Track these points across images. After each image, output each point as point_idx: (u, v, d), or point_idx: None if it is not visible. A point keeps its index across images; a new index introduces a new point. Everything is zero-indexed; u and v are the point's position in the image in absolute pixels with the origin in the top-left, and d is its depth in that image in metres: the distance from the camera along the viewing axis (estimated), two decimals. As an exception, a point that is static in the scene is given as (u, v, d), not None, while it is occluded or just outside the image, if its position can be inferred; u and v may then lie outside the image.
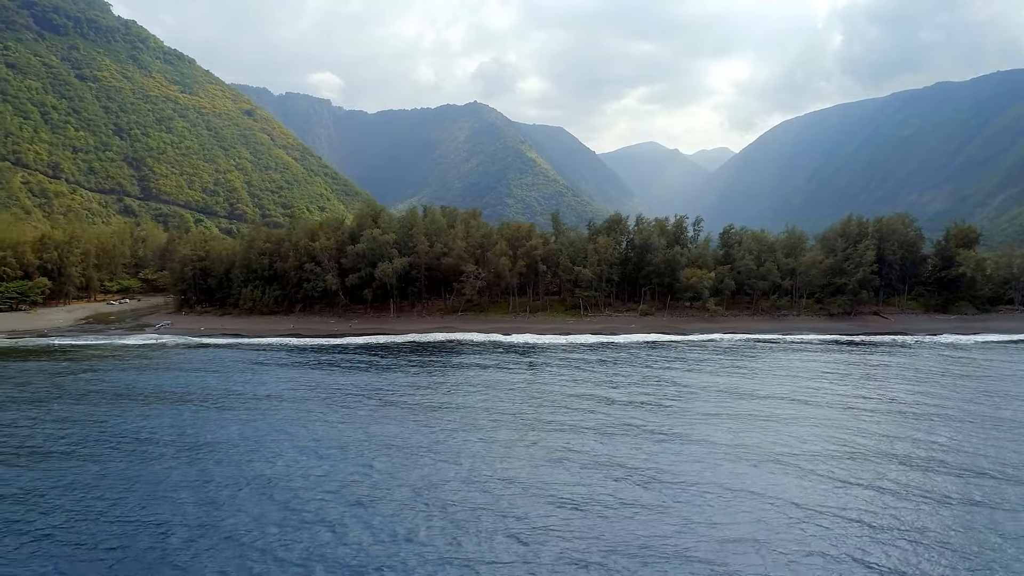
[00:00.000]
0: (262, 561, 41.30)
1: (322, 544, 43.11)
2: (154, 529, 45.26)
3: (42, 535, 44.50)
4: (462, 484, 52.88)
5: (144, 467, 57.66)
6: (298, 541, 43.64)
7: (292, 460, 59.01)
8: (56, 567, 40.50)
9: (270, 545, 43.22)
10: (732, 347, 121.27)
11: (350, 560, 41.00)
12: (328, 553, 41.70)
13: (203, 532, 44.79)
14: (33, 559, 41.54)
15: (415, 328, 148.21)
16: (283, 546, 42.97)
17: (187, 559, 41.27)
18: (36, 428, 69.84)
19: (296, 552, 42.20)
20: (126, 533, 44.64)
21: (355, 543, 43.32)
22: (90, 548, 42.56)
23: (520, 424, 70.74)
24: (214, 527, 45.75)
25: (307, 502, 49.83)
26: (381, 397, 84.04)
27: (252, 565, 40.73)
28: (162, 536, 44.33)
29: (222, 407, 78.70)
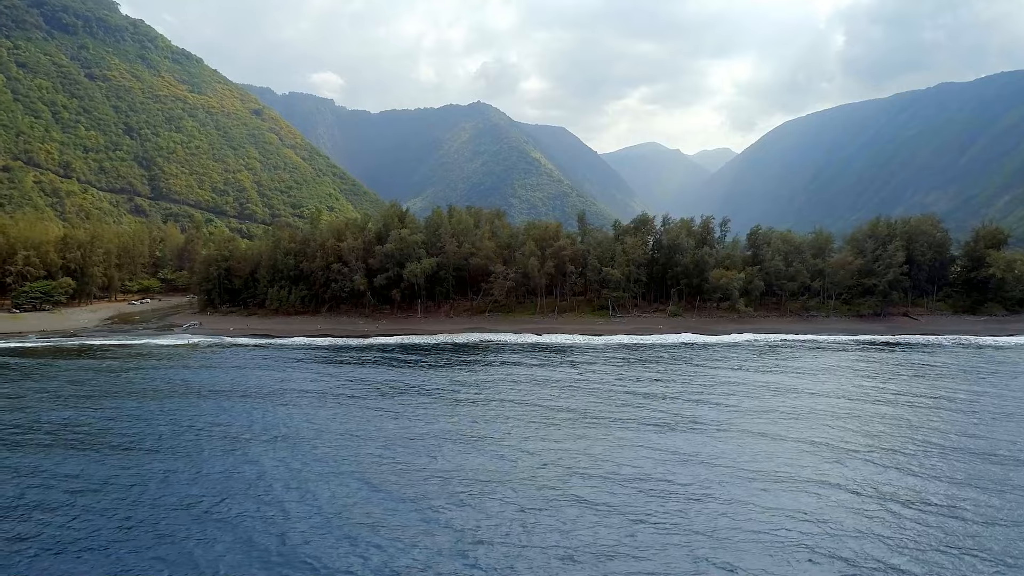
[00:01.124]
0: (384, 542, 41.69)
1: (433, 524, 43.60)
2: (261, 518, 45.21)
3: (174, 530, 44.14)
4: (567, 475, 53.33)
5: (235, 459, 58.29)
6: (408, 524, 44.14)
7: (377, 453, 59.41)
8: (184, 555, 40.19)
9: (383, 527, 43.69)
10: (771, 347, 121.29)
11: (474, 537, 41.41)
12: (436, 530, 41.61)
13: (318, 521, 44.82)
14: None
15: (445, 329, 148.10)
16: (394, 530, 43.47)
17: (308, 546, 41.04)
18: (114, 423, 70.08)
19: (409, 533, 42.74)
20: (237, 523, 44.43)
21: (477, 525, 44.01)
22: (205, 541, 42.33)
23: (586, 419, 71.09)
24: (327, 516, 46.08)
25: (407, 489, 50.61)
26: (436, 394, 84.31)
27: (373, 546, 41.17)
28: (273, 525, 44.38)
29: (286, 403, 79.22)
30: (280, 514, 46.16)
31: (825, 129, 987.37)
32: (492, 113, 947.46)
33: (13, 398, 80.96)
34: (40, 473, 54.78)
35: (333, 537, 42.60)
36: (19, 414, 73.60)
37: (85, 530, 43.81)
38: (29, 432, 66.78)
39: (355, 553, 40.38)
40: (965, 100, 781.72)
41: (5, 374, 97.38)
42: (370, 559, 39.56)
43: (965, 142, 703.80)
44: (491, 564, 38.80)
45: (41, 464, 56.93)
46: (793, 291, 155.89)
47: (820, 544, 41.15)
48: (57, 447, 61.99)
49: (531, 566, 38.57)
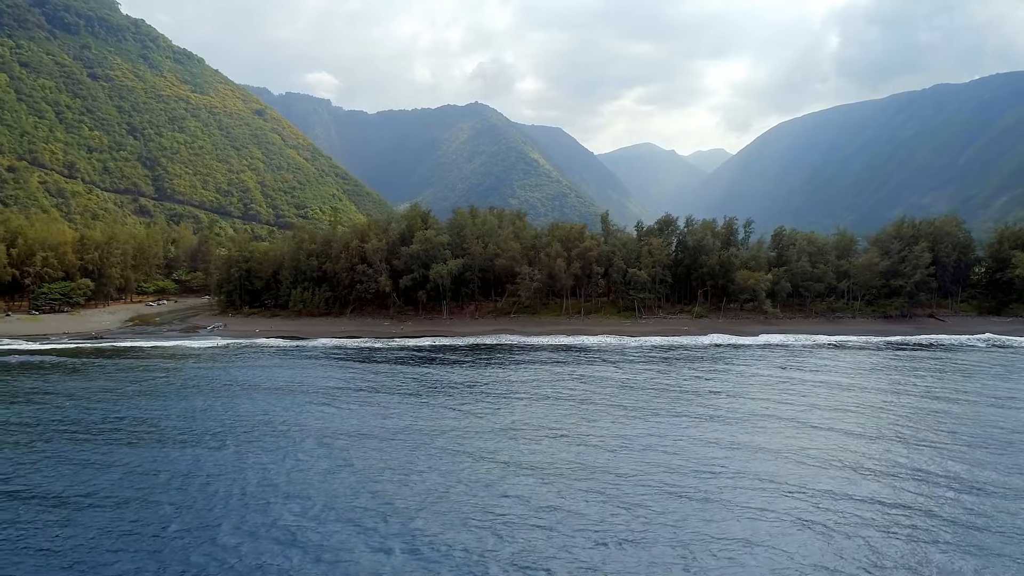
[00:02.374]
0: (485, 526, 42.38)
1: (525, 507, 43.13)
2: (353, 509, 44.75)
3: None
4: (666, 470, 53.11)
5: (335, 453, 59.24)
6: (510, 510, 44.38)
7: (451, 444, 60.22)
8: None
9: (482, 510, 44.22)
10: (807, 348, 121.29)
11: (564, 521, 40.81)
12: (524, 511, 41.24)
13: (426, 512, 44.66)
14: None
15: (473, 330, 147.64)
16: (496, 517, 43.58)
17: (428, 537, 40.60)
18: (191, 418, 71.26)
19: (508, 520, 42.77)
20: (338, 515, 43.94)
21: (577, 512, 44.26)
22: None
23: (647, 413, 72.40)
24: (426, 505, 46.40)
25: (492, 475, 51.65)
26: (489, 391, 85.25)
27: (471, 530, 41.26)
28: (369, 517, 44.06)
29: (352, 400, 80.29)
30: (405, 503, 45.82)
31: (822, 130, 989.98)
32: (490, 113, 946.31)
33: (81, 397, 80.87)
34: (144, 464, 55.33)
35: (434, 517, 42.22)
36: (94, 410, 74.12)
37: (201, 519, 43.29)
38: (111, 427, 67.33)
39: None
40: (962, 101, 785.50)
41: (54, 373, 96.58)
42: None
43: (962, 143, 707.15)
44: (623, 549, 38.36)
45: (133, 456, 57.47)
46: (819, 292, 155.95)
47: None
48: (145, 440, 62.97)
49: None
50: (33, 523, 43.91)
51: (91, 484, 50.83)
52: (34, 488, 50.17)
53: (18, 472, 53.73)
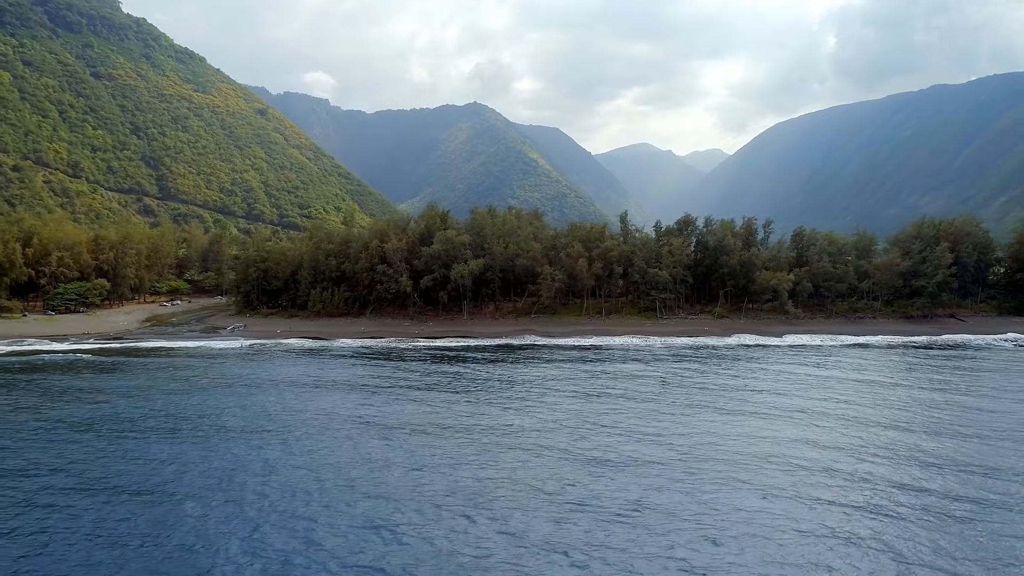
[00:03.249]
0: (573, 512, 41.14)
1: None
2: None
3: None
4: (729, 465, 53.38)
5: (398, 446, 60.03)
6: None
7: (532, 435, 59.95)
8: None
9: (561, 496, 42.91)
10: (837, 348, 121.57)
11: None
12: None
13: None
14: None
15: (495, 331, 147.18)
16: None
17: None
18: (248, 414, 72.05)
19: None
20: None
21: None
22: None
23: (695, 410, 73.35)
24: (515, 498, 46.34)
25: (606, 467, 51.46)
26: (530, 388, 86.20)
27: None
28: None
29: (388, 397, 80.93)
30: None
31: (819, 130, 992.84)
32: (488, 113, 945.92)
33: (131, 395, 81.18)
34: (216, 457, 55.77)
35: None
36: (149, 407, 74.67)
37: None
38: (174, 423, 68.01)
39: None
40: (959, 102, 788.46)
41: (91, 372, 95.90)
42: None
43: (960, 144, 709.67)
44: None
45: (208, 451, 58.35)
46: (840, 292, 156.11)
47: None
48: (215, 435, 63.87)
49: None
50: (133, 518, 43.75)
51: (180, 478, 51.23)
52: (129, 483, 50.38)
53: (108, 467, 53.87)
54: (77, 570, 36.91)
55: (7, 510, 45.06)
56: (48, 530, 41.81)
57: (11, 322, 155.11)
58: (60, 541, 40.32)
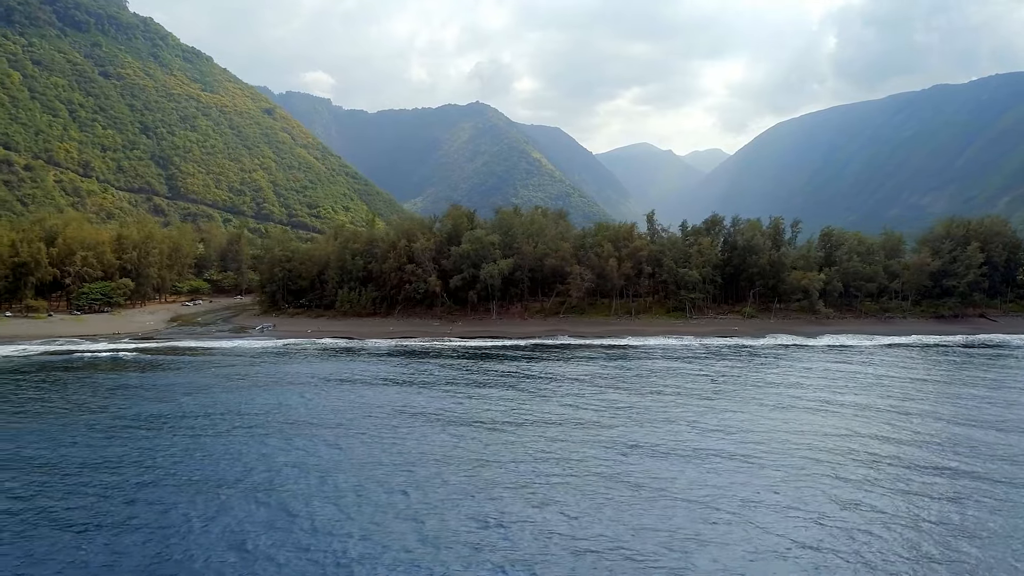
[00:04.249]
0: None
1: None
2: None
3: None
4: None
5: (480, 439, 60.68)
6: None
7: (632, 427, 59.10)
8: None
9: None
10: (876, 348, 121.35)
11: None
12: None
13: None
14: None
15: (526, 331, 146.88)
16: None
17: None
18: (313, 408, 73.63)
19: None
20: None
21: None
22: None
23: (752, 405, 74.25)
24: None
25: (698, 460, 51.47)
26: (583, 385, 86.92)
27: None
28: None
29: (443, 392, 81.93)
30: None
31: (820, 130, 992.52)
32: (491, 113, 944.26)
33: (191, 392, 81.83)
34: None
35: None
36: (212, 403, 75.51)
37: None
38: (245, 419, 68.72)
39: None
40: (961, 102, 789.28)
41: (138, 371, 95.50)
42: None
43: (961, 144, 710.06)
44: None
45: (291, 444, 58.81)
46: (870, 292, 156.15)
47: None
48: (276, 429, 64.87)
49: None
50: (249, 515, 43.85)
51: (277, 475, 51.39)
52: (229, 478, 50.62)
53: (200, 464, 54.25)
54: (212, 566, 36.64)
55: (116, 503, 45.08)
56: (168, 527, 41.61)
57: (38, 322, 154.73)
58: (190, 539, 40.12)
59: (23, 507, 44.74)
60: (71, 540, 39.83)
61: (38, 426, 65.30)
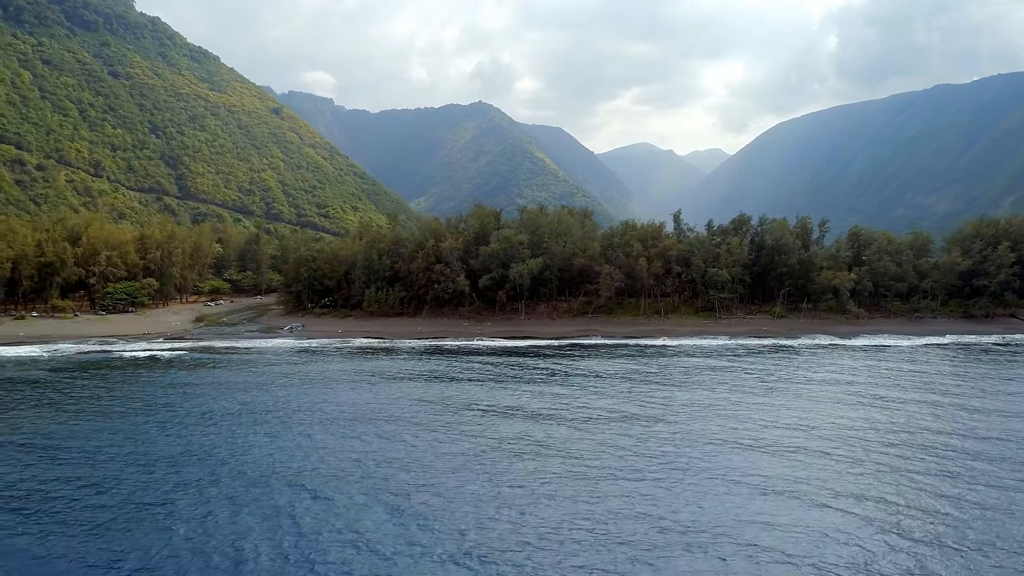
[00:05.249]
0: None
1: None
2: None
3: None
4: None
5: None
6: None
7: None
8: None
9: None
10: (916, 348, 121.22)
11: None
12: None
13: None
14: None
15: (557, 331, 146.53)
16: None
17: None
18: (379, 403, 75.06)
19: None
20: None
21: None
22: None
23: (820, 401, 76.03)
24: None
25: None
26: (639, 382, 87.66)
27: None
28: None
29: (502, 388, 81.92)
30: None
31: (822, 130, 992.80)
32: (494, 113, 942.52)
33: (247, 388, 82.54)
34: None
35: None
36: (266, 399, 76.86)
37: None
38: (320, 413, 70.25)
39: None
40: (963, 102, 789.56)
41: (188, 370, 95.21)
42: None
43: (964, 144, 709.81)
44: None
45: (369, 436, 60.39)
46: (900, 292, 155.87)
47: None
48: (345, 423, 66.73)
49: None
50: (365, 508, 44.42)
51: (364, 464, 52.94)
52: (328, 471, 51.59)
53: (296, 455, 55.90)
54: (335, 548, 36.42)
55: (234, 492, 45.95)
56: (303, 521, 41.85)
57: (65, 322, 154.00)
58: (320, 532, 40.23)
59: (149, 500, 45.41)
60: (197, 526, 39.76)
61: (108, 423, 65.43)
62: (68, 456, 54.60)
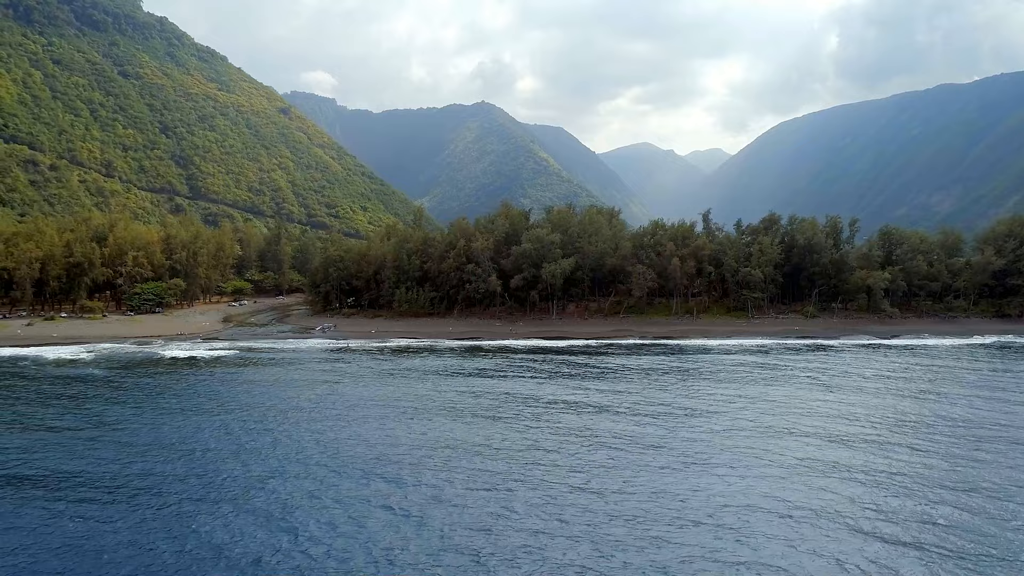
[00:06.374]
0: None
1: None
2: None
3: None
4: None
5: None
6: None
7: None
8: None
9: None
10: (969, 348, 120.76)
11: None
12: None
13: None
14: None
15: (591, 331, 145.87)
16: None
17: None
18: (472, 396, 76.39)
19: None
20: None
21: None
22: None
23: (894, 396, 76.68)
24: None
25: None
26: (715, 378, 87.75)
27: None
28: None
29: (570, 384, 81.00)
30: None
31: (823, 130, 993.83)
32: (497, 113, 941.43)
33: (328, 380, 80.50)
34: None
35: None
36: (331, 392, 78.79)
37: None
38: (402, 408, 71.22)
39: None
40: (966, 101, 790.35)
41: (248, 369, 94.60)
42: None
43: (967, 143, 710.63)
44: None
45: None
46: (933, 292, 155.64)
47: None
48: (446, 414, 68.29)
49: None
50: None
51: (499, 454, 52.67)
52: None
53: (388, 442, 57.48)
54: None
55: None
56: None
57: (95, 323, 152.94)
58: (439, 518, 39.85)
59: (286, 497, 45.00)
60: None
61: (186, 421, 65.55)
62: (169, 452, 54.61)
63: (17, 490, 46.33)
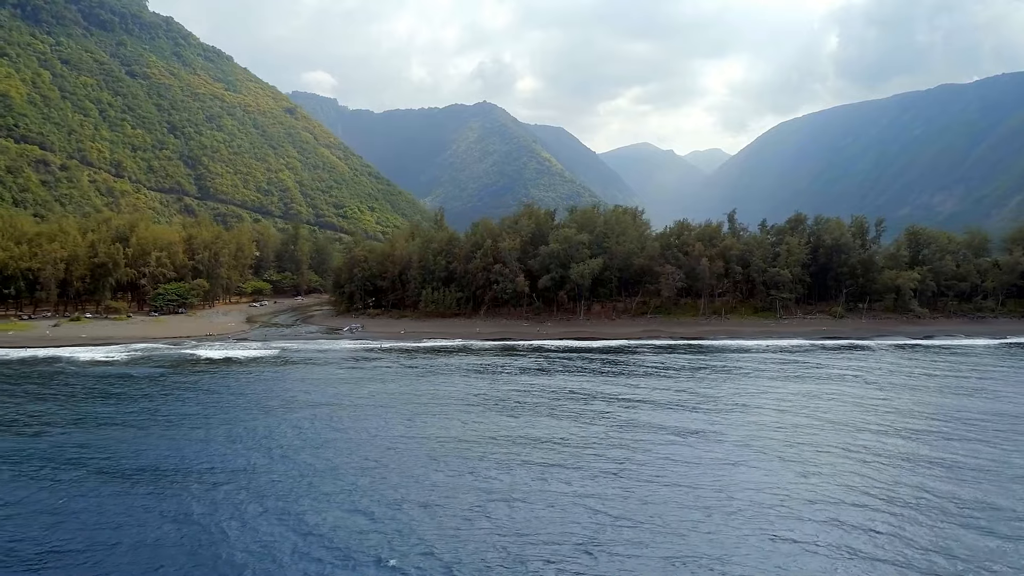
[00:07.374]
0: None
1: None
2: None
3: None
4: None
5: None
6: None
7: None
8: None
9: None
10: (1008, 348, 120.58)
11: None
12: None
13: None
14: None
15: (620, 331, 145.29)
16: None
17: None
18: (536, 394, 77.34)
19: None
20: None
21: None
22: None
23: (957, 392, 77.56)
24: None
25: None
26: (761, 375, 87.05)
27: None
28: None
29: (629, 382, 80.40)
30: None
31: (824, 130, 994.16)
32: (499, 113, 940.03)
33: (364, 381, 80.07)
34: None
35: None
36: (384, 390, 79.35)
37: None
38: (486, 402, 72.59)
39: None
40: (967, 102, 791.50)
41: (292, 368, 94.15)
42: None
43: (969, 143, 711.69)
44: None
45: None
46: (961, 292, 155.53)
47: None
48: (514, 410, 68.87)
49: None
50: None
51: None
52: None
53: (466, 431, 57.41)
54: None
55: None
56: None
57: (120, 323, 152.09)
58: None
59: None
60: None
61: (267, 418, 65.42)
62: (252, 445, 55.41)
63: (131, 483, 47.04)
